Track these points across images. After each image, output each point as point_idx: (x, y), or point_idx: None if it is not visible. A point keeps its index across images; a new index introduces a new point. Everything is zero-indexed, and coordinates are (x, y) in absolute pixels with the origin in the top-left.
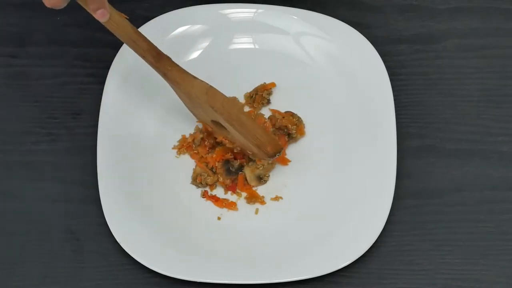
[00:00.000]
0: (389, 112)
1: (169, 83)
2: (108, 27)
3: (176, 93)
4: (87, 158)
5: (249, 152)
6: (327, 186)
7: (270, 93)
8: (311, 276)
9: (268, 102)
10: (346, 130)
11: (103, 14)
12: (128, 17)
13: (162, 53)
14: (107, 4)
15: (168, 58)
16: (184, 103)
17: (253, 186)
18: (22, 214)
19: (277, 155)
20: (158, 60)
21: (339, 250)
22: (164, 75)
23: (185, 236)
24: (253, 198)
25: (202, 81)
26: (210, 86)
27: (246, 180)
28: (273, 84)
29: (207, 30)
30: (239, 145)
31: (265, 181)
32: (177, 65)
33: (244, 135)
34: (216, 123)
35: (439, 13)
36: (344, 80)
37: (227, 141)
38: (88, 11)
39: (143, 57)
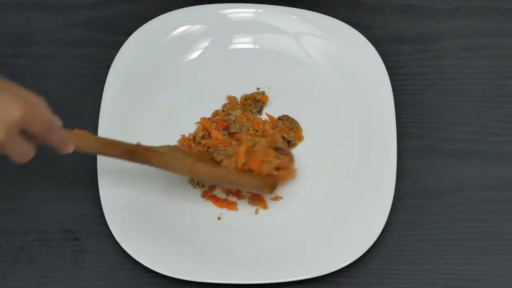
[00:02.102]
0: (389, 112)
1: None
2: (77, 150)
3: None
4: (87, 158)
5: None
6: (327, 186)
7: (263, 105)
8: (311, 276)
9: (260, 111)
10: (346, 130)
11: (72, 147)
12: (86, 131)
13: (133, 146)
14: (68, 136)
15: (141, 147)
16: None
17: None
18: (22, 214)
19: (276, 190)
20: (134, 155)
21: (339, 250)
22: (151, 164)
23: (185, 236)
24: (256, 200)
25: (183, 159)
26: (192, 162)
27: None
28: (265, 98)
29: (207, 30)
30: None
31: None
32: (153, 150)
33: (240, 188)
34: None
35: (439, 13)
36: (344, 80)
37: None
38: (51, 147)
39: (122, 158)
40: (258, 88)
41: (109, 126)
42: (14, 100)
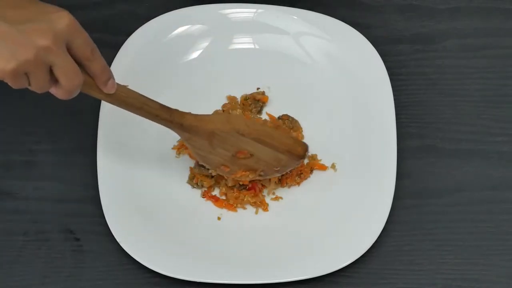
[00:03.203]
0: (389, 112)
1: (185, 136)
2: (115, 99)
3: (193, 145)
4: (87, 158)
5: (275, 169)
6: (327, 186)
7: (263, 105)
8: (311, 276)
9: (260, 111)
10: (346, 129)
11: (113, 85)
12: (128, 85)
13: (169, 107)
14: (109, 69)
15: (177, 110)
16: (200, 155)
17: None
18: (22, 214)
19: (305, 156)
20: (171, 114)
21: (339, 250)
22: (181, 127)
23: (185, 236)
24: (258, 203)
25: (216, 114)
26: (227, 113)
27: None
28: (265, 98)
29: (207, 30)
30: (262, 167)
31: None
32: (188, 112)
33: (273, 147)
34: (237, 155)
35: (439, 13)
36: (344, 80)
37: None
38: (92, 94)
39: (157, 117)
40: (258, 88)
41: (109, 126)
42: (60, 10)
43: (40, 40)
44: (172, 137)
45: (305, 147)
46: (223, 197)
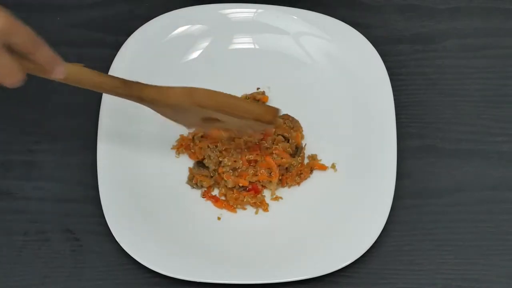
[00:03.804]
0: (389, 112)
1: (148, 106)
2: (69, 81)
3: (159, 112)
4: (87, 158)
5: (249, 132)
6: (327, 186)
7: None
8: (311, 276)
9: None
10: (345, 129)
11: (61, 72)
12: (83, 64)
13: (129, 80)
14: (60, 59)
15: (138, 83)
16: (168, 119)
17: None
18: (22, 214)
19: (276, 120)
20: (130, 87)
21: (339, 250)
22: (141, 99)
23: (185, 236)
24: (258, 203)
25: (179, 86)
26: (189, 87)
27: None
28: (265, 98)
29: (207, 30)
30: (236, 132)
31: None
32: (149, 85)
33: (239, 116)
34: (206, 120)
35: (439, 13)
36: (344, 80)
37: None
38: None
39: (116, 93)
40: (258, 88)
41: (109, 126)
42: None
43: None
44: (172, 137)
45: (274, 113)
46: (223, 198)
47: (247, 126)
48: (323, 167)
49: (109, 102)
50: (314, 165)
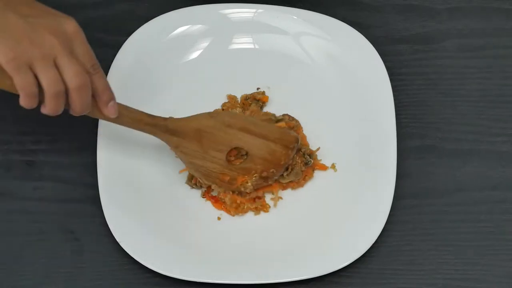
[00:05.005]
0: (389, 112)
1: (173, 141)
2: (119, 123)
3: (184, 152)
4: (87, 158)
5: (273, 168)
6: (327, 186)
7: (263, 105)
8: (311, 276)
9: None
10: (345, 129)
11: (114, 108)
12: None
13: (152, 115)
14: (114, 95)
15: (159, 116)
16: (194, 165)
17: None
18: (22, 214)
19: (298, 145)
20: (154, 118)
21: (339, 250)
22: (166, 129)
23: (185, 236)
24: (260, 207)
25: (202, 114)
26: (212, 112)
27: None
28: (265, 98)
29: (207, 30)
30: (259, 167)
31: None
32: (170, 117)
33: (262, 136)
34: (229, 162)
35: (439, 13)
36: (344, 80)
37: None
38: (96, 115)
39: (142, 126)
40: (258, 88)
41: (109, 126)
42: (68, 16)
43: (47, 36)
44: None
45: (295, 135)
46: (224, 198)
47: (271, 153)
48: (323, 167)
49: None
50: (315, 165)
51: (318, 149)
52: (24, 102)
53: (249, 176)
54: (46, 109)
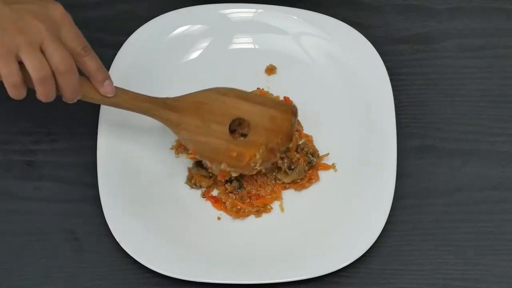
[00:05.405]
0: (389, 112)
1: (174, 119)
2: (117, 104)
3: (186, 129)
4: (87, 158)
5: (276, 140)
6: (327, 186)
7: None
8: (311, 276)
9: None
10: (345, 130)
11: (111, 86)
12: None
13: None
14: (109, 74)
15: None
16: (197, 143)
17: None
18: (22, 214)
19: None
20: (150, 98)
21: (339, 250)
22: (164, 105)
23: (185, 236)
24: (261, 209)
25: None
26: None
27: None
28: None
29: (207, 30)
30: (264, 139)
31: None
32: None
33: (261, 103)
34: (232, 136)
35: (439, 13)
36: (344, 80)
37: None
38: (92, 99)
39: (144, 110)
40: (258, 88)
41: (109, 127)
42: (55, 2)
43: (33, 21)
44: (171, 137)
45: (292, 103)
46: (226, 201)
47: (272, 120)
48: (326, 167)
49: None
50: (318, 165)
51: (327, 154)
52: (10, 91)
53: (256, 149)
54: (37, 95)
